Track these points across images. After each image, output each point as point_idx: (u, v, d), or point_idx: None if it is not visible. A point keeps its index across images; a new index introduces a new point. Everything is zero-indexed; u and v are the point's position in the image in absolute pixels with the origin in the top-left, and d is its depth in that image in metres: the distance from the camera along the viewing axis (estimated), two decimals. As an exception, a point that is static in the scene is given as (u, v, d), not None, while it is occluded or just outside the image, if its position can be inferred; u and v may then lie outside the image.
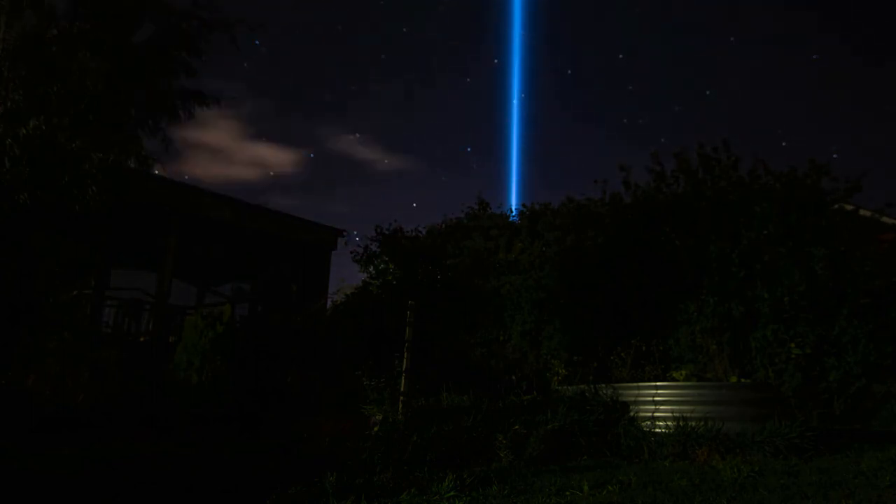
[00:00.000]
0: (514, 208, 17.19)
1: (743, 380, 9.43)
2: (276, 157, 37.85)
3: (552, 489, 5.00)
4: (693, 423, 6.94)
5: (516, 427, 6.82)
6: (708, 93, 33.73)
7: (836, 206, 11.64)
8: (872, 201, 12.97)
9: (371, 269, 16.16)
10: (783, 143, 29.95)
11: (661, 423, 7.31)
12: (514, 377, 9.18)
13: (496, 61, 29.16)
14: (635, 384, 8.24)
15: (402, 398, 7.20)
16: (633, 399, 7.90)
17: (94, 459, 6.07)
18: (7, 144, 6.86)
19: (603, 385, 8.43)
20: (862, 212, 12.00)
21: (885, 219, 12.98)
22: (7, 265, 7.19)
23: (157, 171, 9.04)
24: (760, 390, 8.35)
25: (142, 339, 14.80)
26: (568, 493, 4.90)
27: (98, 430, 7.45)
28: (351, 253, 16.60)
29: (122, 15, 7.89)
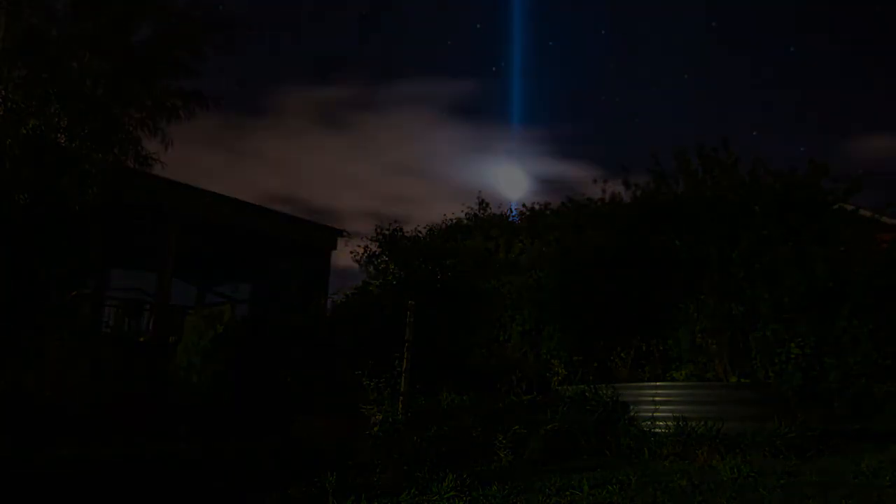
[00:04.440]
0: (513, 208, 17.20)
1: (743, 380, 9.42)
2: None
3: (552, 489, 5.00)
4: (693, 423, 6.93)
5: (516, 427, 6.82)
6: (686, 76, 33.40)
7: (836, 207, 11.63)
8: (872, 201, 12.99)
9: (371, 269, 16.15)
10: (753, 133, 29.88)
11: (661, 423, 7.31)
12: (514, 377, 9.18)
13: (478, 26, 29.24)
14: (635, 384, 8.25)
15: (402, 398, 7.20)
16: (633, 399, 7.90)
17: (94, 459, 6.07)
18: (7, 144, 6.86)
19: (603, 385, 8.43)
20: (862, 212, 12.00)
21: (885, 219, 12.98)
22: (8, 265, 7.19)
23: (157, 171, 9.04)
24: (760, 390, 8.35)
25: (142, 339, 14.80)
26: (568, 493, 4.90)
27: (98, 429, 7.45)
28: (351, 253, 16.59)
29: (121, 15, 7.88)
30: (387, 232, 16.51)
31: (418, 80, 35.34)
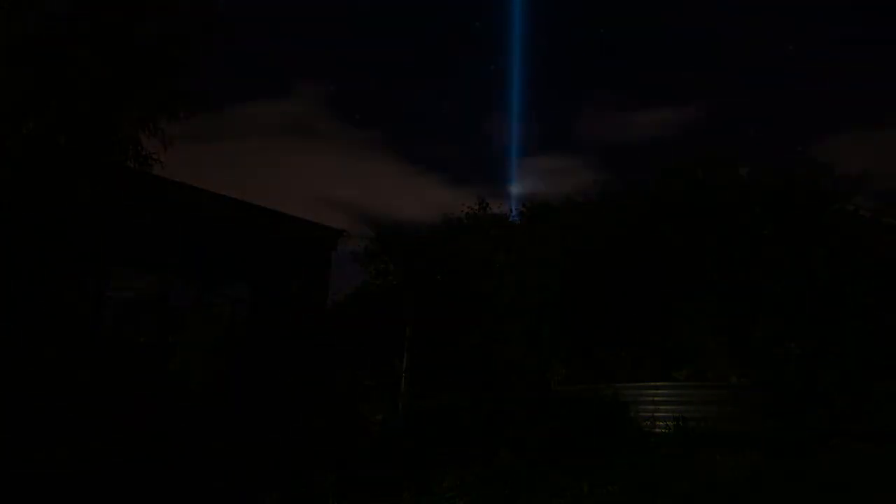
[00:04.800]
0: (513, 208, 17.20)
1: (743, 380, 9.42)
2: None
3: (552, 489, 5.00)
4: (693, 423, 6.93)
5: (516, 427, 6.82)
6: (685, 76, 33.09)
7: (836, 207, 11.62)
8: (872, 201, 12.95)
9: (371, 269, 16.16)
10: (750, 132, 29.62)
11: (661, 423, 7.31)
12: (514, 377, 9.18)
13: (476, 24, 28.87)
14: (635, 384, 8.24)
15: (402, 398, 7.20)
16: (633, 399, 7.89)
17: (94, 459, 6.07)
18: (7, 145, 6.85)
19: (603, 385, 8.43)
20: (862, 212, 11.98)
21: (885, 219, 12.96)
22: (7, 266, 7.19)
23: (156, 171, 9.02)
24: (760, 390, 8.34)
25: (142, 340, 14.78)
26: (568, 493, 4.90)
27: (98, 430, 7.45)
28: (351, 254, 16.58)
29: (122, 16, 7.87)
30: (387, 233, 16.52)
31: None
